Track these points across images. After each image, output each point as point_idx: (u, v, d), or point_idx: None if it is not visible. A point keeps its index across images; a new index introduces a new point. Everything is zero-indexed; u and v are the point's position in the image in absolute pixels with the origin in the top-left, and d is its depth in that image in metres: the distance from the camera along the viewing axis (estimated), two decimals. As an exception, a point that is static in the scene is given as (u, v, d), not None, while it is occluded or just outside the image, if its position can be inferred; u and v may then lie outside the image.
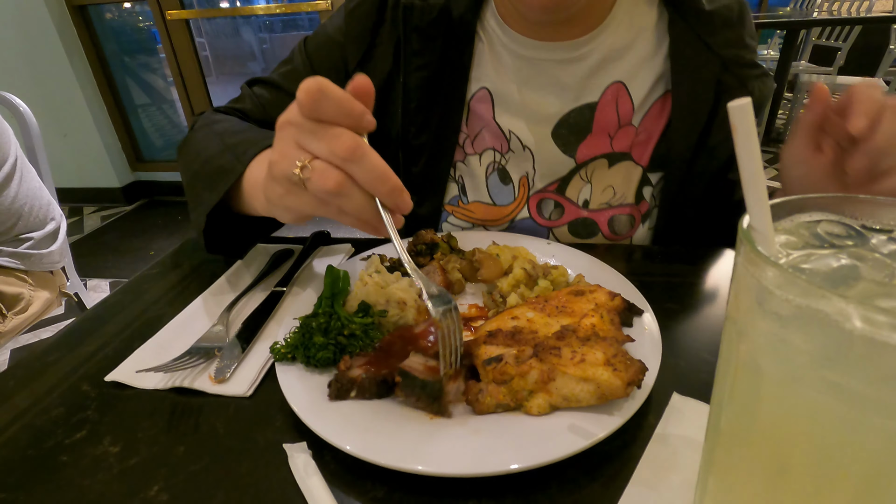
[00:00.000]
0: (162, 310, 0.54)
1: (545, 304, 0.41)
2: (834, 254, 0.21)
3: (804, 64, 4.21)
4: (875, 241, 0.21)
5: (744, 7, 0.60)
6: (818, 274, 0.20)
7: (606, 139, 0.62)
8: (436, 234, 0.56)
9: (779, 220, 0.23)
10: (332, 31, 0.64)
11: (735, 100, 0.19)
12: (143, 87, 3.41)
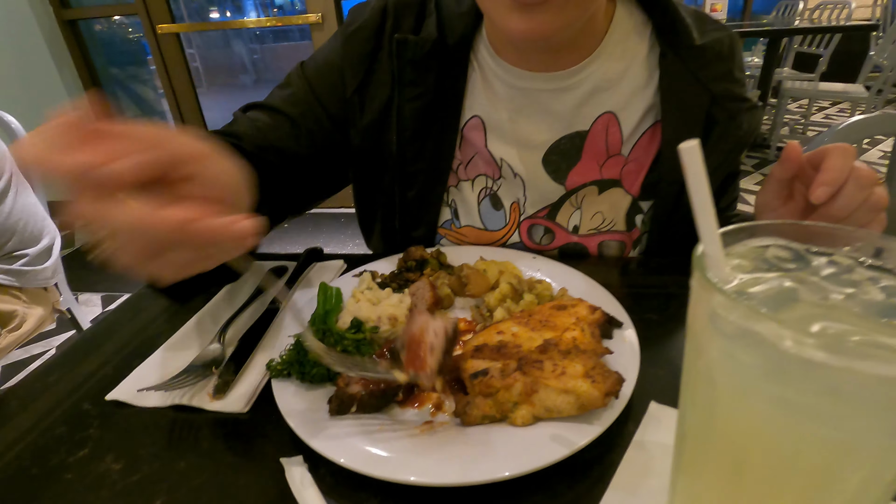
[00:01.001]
0: (159, 328, 0.55)
1: (529, 319, 0.43)
2: (779, 277, 0.23)
3: (787, 70, 4.30)
4: (816, 263, 0.24)
5: (734, 42, 0.62)
6: (762, 297, 0.22)
7: (596, 167, 0.64)
8: (425, 251, 0.58)
9: (732, 246, 0.25)
10: (330, 55, 0.65)
11: (685, 142, 0.22)
12: (134, 99, 3.42)
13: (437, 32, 0.61)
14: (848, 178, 0.43)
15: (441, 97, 0.63)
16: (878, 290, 0.21)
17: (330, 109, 0.65)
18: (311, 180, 0.69)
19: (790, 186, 0.49)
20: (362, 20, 0.63)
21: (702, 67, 0.60)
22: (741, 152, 0.67)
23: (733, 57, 0.62)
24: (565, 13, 0.49)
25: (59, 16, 2.90)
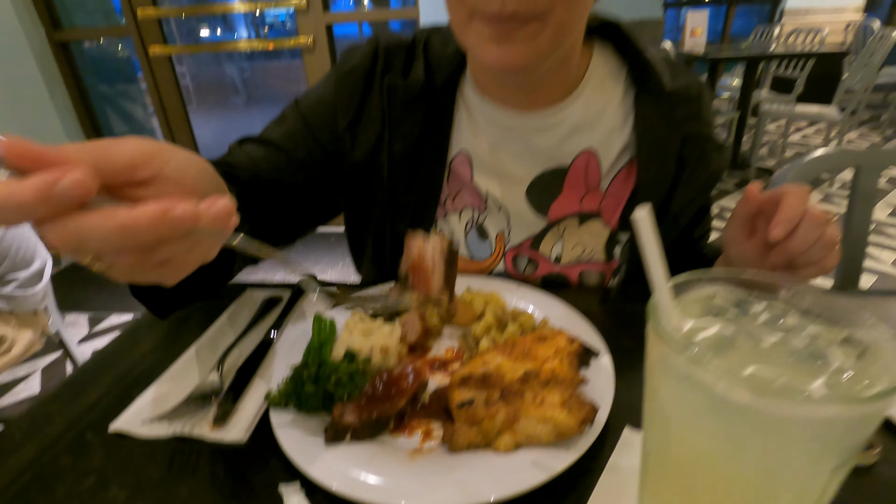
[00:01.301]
0: (158, 357, 0.57)
1: (512, 350, 0.46)
2: (722, 323, 0.26)
3: (765, 92, 4.45)
4: (754, 310, 0.27)
5: (702, 88, 0.67)
6: (705, 343, 0.25)
7: (576, 200, 0.68)
8: (415, 282, 0.61)
9: (685, 293, 0.29)
10: (324, 93, 0.68)
11: (636, 211, 0.25)
12: (124, 117, 3.43)
13: (424, 76, 0.65)
14: (803, 219, 0.47)
15: (429, 135, 0.67)
16: (801, 337, 0.25)
17: (323, 142, 0.68)
18: (304, 210, 0.72)
19: (753, 223, 0.53)
20: (354, 63, 0.67)
21: (673, 110, 0.64)
22: (711, 188, 0.71)
23: (701, 101, 0.66)
24: (537, 43, 0.52)
25: (51, 37, 2.93)
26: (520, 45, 0.52)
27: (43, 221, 0.26)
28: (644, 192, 0.66)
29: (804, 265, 0.50)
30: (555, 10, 0.50)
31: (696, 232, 0.74)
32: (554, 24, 0.51)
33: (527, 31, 0.51)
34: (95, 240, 0.26)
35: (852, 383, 0.22)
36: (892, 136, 4.68)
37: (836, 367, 0.23)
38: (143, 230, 0.26)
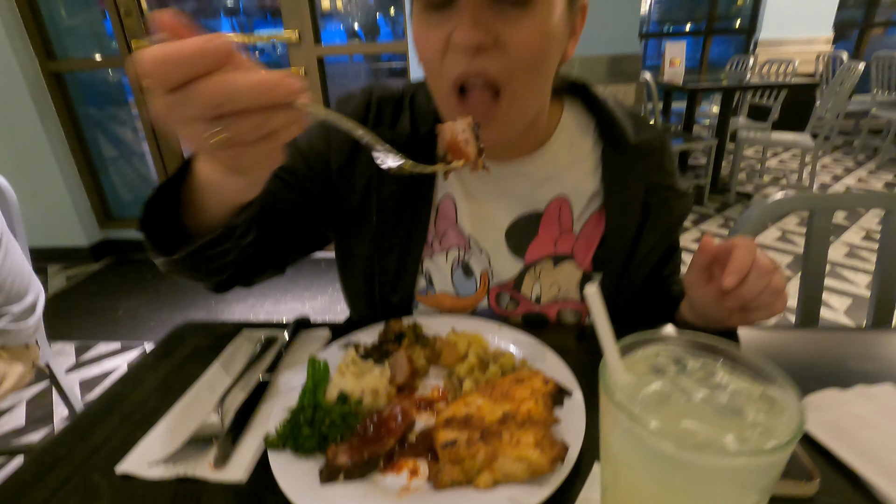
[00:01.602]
0: (161, 399, 0.60)
1: (492, 392, 0.51)
2: (662, 380, 0.31)
3: (743, 120, 4.62)
4: (690, 367, 0.32)
5: (665, 140, 0.74)
6: (644, 399, 0.30)
7: (551, 243, 0.74)
8: (403, 325, 0.65)
9: (634, 352, 0.33)
10: (318, 139, 0.73)
11: (587, 286, 0.30)
12: (114, 142, 3.46)
13: (409, 127, 0.71)
14: (751, 268, 0.53)
15: (415, 181, 0.72)
16: (726, 393, 0.30)
17: (319, 177, 0.73)
18: (296, 238, 0.75)
19: (710, 270, 0.59)
20: (348, 111, 0.73)
21: (637, 162, 0.70)
22: (676, 231, 0.77)
23: (663, 153, 0.73)
24: (508, 123, 0.59)
25: (45, 67, 2.97)
26: (492, 127, 0.58)
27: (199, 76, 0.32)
28: (612, 236, 0.71)
29: (755, 308, 0.56)
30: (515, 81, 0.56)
31: (665, 270, 0.80)
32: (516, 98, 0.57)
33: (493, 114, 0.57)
34: (238, 93, 0.33)
35: (759, 436, 0.26)
36: (865, 161, 4.87)
37: (749, 421, 0.27)
38: (273, 86, 0.33)
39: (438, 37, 0.55)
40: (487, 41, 0.53)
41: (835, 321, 2.34)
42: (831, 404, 0.51)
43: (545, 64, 0.58)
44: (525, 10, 0.53)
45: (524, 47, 0.54)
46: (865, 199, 0.88)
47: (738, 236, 0.56)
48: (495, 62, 0.54)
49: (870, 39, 5.88)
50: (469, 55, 0.53)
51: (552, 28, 0.55)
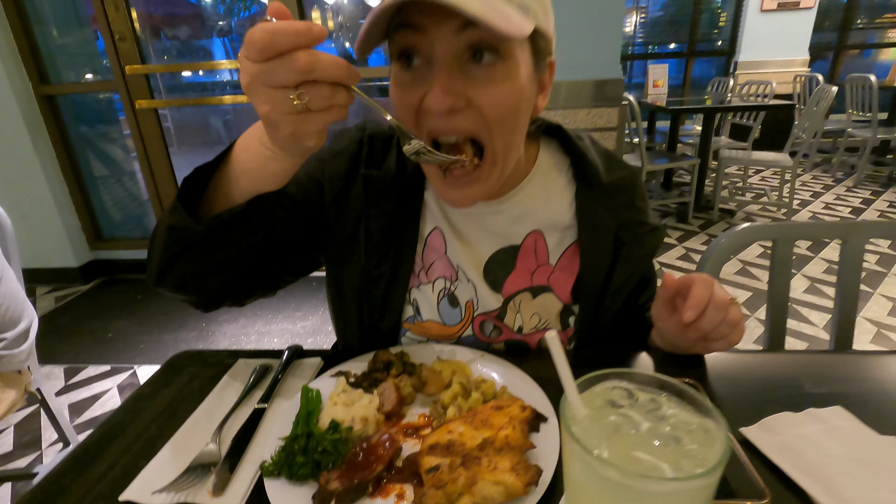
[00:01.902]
0: (160, 427, 0.64)
1: (473, 418, 0.55)
2: (614, 413, 0.35)
3: (724, 139, 4.76)
4: (641, 400, 0.36)
5: (635, 178, 0.79)
6: (598, 430, 0.34)
7: (527, 275, 0.78)
8: (391, 354, 0.69)
9: (593, 387, 0.38)
10: (314, 169, 0.77)
11: (548, 332, 0.34)
12: (105, 161, 3.48)
13: (396, 166, 0.76)
14: (709, 303, 0.58)
15: (401, 216, 0.77)
16: (669, 424, 0.34)
17: (314, 205, 0.77)
18: (288, 261, 0.78)
19: (673, 303, 0.64)
20: (343, 146, 0.78)
21: (609, 200, 0.75)
22: (649, 262, 0.82)
23: (634, 191, 0.78)
24: (489, 183, 0.64)
25: (38, 91, 3.01)
26: (474, 187, 0.63)
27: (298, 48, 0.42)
28: (587, 270, 0.76)
29: (715, 339, 0.61)
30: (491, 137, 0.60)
31: (640, 298, 0.85)
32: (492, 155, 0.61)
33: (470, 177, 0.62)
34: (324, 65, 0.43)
35: (694, 463, 0.31)
36: (843, 178, 5.02)
37: (686, 450, 0.32)
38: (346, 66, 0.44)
39: (412, 96, 0.59)
40: (459, 104, 0.57)
41: (814, 335, 2.41)
42: (784, 426, 0.56)
43: (517, 120, 0.62)
44: (493, 73, 0.57)
45: (495, 106, 0.58)
46: (826, 228, 0.94)
47: (696, 273, 0.61)
48: (468, 120, 0.58)
49: (844, 61, 6.10)
50: (442, 117, 0.57)
51: (520, 88, 0.59)
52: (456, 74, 0.56)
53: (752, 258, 3.24)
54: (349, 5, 3.31)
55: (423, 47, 0.57)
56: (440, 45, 0.55)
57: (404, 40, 0.57)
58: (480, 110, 0.58)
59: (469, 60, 0.57)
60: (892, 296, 2.71)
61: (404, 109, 0.60)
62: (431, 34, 0.55)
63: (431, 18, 0.54)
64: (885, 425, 0.56)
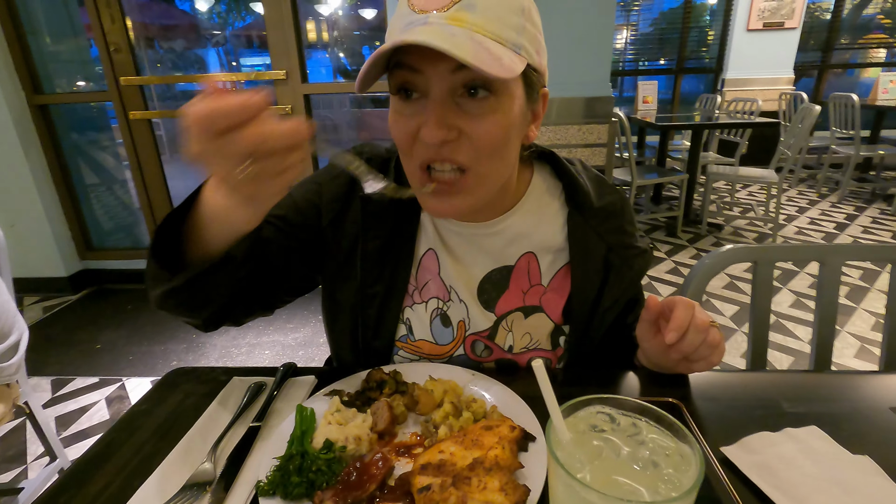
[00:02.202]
0: (155, 446, 0.64)
1: (464, 438, 0.56)
2: (596, 437, 0.37)
3: (712, 155, 4.85)
4: (623, 425, 0.39)
5: (624, 203, 0.82)
6: (580, 454, 0.36)
7: (520, 295, 0.80)
8: (384, 373, 0.71)
9: (577, 412, 0.40)
10: (310, 193, 0.80)
11: (534, 361, 0.36)
12: (97, 170, 3.46)
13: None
14: (689, 326, 0.60)
15: (397, 237, 0.79)
16: (648, 448, 0.36)
17: (311, 228, 0.79)
18: (285, 282, 0.80)
19: (657, 324, 0.66)
20: (340, 170, 0.80)
21: (599, 224, 0.78)
22: (637, 284, 0.85)
23: (624, 214, 0.81)
24: (474, 195, 0.66)
25: (31, 101, 3.00)
26: (459, 198, 0.65)
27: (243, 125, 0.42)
28: (578, 291, 0.79)
29: (696, 360, 0.63)
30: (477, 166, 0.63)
31: (629, 318, 0.87)
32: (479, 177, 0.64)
33: (459, 186, 0.64)
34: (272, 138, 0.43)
35: (670, 486, 0.33)
36: (828, 194, 5.12)
37: (663, 473, 0.34)
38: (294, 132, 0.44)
39: (409, 125, 0.62)
40: (451, 136, 0.60)
41: (800, 350, 2.45)
42: (763, 446, 0.58)
43: (506, 150, 0.65)
44: (485, 107, 0.60)
45: (485, 138, 0.61)
46: (805, 250, 0.98)
47: (678, 297, 0.64)
48: (460, 151, 0.61)
49: (828, 80, 6.25)
50: (434, 148, 0.61)
51: (512, 119, 0.62)
52: (450, 108, 0.60)
53: (739, 272, 3.29)
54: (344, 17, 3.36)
55: (419, 84, 0.60)
56: (435, 83, 0.59)
57: (402, 78, 0.60)
58: (471, 141, 0.61)
59: (463, 94, 0.60)
60: (874, 311, 2.77)
61: (401, 135, 0.64)
62: (427, 74, 0.58)
63: (427, 61, 0.57)
64: (856, 444, 0.58)
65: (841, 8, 5.91)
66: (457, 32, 0.54)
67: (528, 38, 0.61)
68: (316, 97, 3.05)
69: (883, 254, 0.95)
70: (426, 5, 0.57)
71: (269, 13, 2.77)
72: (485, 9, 0.56)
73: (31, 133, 3.03)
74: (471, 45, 0.53)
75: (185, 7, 3.41)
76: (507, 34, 0.58)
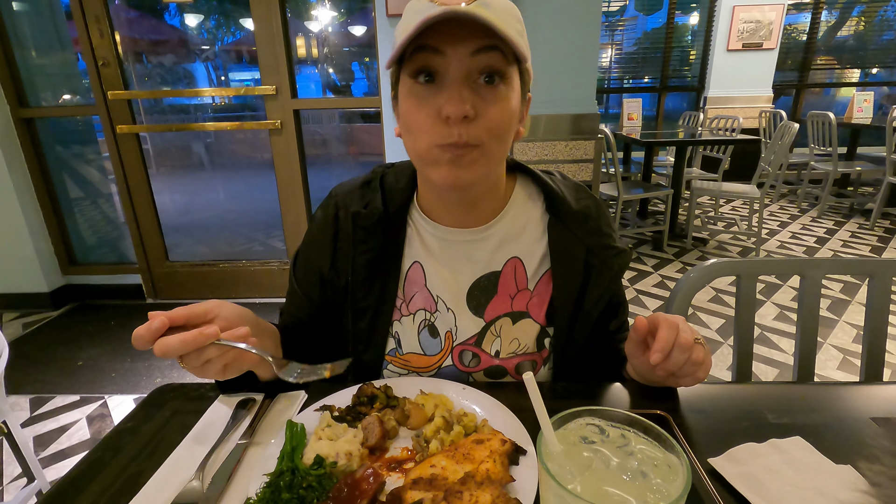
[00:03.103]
0: (142, 464, 0.63)
1: (455, 453, 0.56)
2: (587, 448, 0.38)
3: (696, 170, 4.95)
4: (612, 436, 0.39)
5: (600, 206, 0.85)
6: (571, 465, 0.37)
7: (508, 300, 0.82)
8: (375, 388, 0.71)
9: (567, 424, 0.40)
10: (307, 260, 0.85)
11: (525, 374, 0.37)
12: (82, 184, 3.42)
13: (381, 206, 0.80)
14: (674, 345, 0.62)
15: (385, 251, 0.81)
16: (637, 458, 0.37)
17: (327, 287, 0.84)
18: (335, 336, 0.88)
19: (646, 342, 0.68)
20: (319, 219, 0.84)
21: (578, 227, 0.81)
22: (617, 283, 0.86)
23: (600, 216, 0.84)
24: (479, 167, 0.69)
25: (16, 114, 2.97)
26: (465, 169, 0.68)
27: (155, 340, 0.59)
28: (560, 292, 0.81)
29: (682, 376, 0.65)
30: (487, 145, 0.67)
31: (611, 325, 0.88)
32: (487, 155, 0.68)
33: (470, 157, 0.67)
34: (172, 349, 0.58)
35: (658, 497, 0.33)
36: (808, 209, 5.24)
37: (652, 484, 0.34)
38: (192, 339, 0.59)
39: (429, 109, 0.66)
40: (471, 113, 0.65)
41: (784, 362, 2.48)
42: (749, 457, 0.59)
43: (507, 135, 0.70)
44: (497, 94, 0.65)
45: (495, 119, 0.66)
46: (786, 264, 1.00)
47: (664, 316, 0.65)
48: (475, 129, 0.66)
49: (805, 98, 6.45)
50: (457, 124, 0.65)
51: (513, 108, 0.68)
52: (466, 88, 0.65)
53: (724, 286, 3.34)
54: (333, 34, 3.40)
55: (439, 66, 0.65)
56: (456, 65, 0.63)
57: (423, 61, 0.65)
58: (484, 120, 0.66)
59: (477, 80, 0.65)
60: (855, 323, 2.82)
61: (421, 118, 0.67)
62: (449, 56, 0.63)
63: (449, 42, 0.63)
64: (839, 454, 0.60)
65: (816, 30, 6.13)
66: (482, 13, 0.59)
67: (525, 43, 0.67)
68: (305, 112, 3.07)
69: (861, 268, 0.98)
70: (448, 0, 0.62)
71: (260, 30, 2.79)
72: (497, 9, 0.62)
73: (15, 146, 3.00)
74: (498, 21, 0.59)
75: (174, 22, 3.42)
76: (513, 34, 0.63)
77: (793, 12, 6.07)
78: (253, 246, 3.77)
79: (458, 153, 0.66)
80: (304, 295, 0.86)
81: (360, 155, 3.83)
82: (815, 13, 6.06)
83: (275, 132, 2.98)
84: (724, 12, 5.76)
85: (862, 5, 6.22)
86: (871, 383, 0.78)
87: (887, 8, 6.19)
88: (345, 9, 3.34)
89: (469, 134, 0.65)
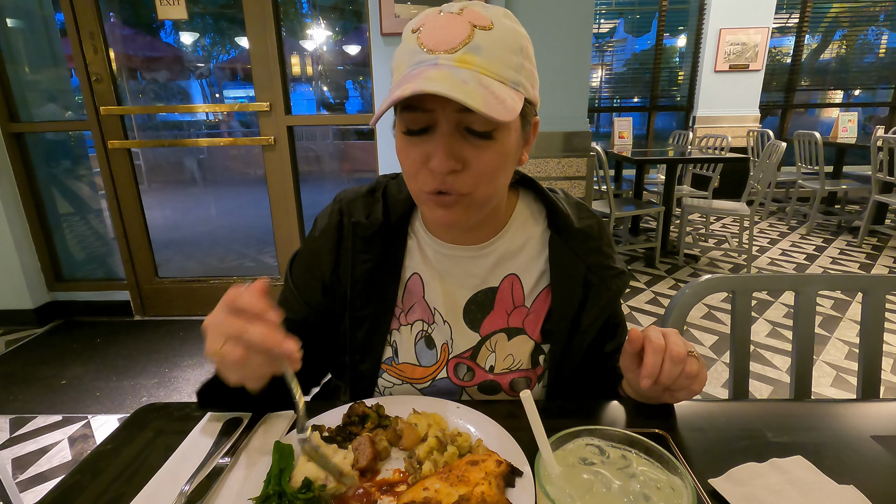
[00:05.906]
0: (122, 488, 0.61)
1: (449, 474, 0.54)
2: (587, 470, 0.37)
3: (686, 188, 5.00)
4: (612, 457, 0.38)
5: (602, 225, 0.85)
6: (571, 487, 0.35)
7: (504, 316, 0.81)
8: (367, 407, 0.69)
9: (566, 444, 0.39)
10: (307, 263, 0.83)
11: (522, 393, 0.36)
12: (71, 199, 3.38)
13: (382, 216, 0.79)
14: (665, 360, 0.61)
15: (385, 261, 0.80)
16: (639, 480, 0.35)
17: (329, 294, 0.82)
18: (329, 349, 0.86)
19: (639, 356, 0.66)
20: (324, 224, 0.82)
21: (578, 245, 0.80)
22: (615, 305, 0.86)
23: (601, 237, 0.83)
24: (469, 211, 0.69)
25: (6, 129, 2.95)
26: (457, 210, 0.69)
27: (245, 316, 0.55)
28: (557, 310, 0.80)
29: (677, 390, 0.64)
30: (476, 192, 0.67)
31: (608, 346, 0.87)
32: (477, 201, 0.68)
33: (460, 204, 0.67)
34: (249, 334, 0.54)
35: (662, 521, 0.32)
36: (797, 226, 5.31)
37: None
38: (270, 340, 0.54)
39: (418, 155, 0.66)
40: (458, 167, 0.64)
41: (778, 379, 2.48)
42: (750, 477, 0.58)
43: (503, 175, 0.70)
44: (487, 140, 0.64)
45: (486, 167, 0.65)
46: (780, 280, 1.00)
47: (655, 332, 0.65)
48: (462, 180, 0.66)
49: (792, 118, 6.58)
50: (443, 176, 0.65)
51: (509, 149, 0.67)
52: (456, 140, 0.64)
53: (717, 303, 3.35)
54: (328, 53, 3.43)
55: (429, 121, 0.64)
56: (444, 120, 0.63)
57: (413, 119, 0.64)
58: (473, 170, 0.65)
59: (467, 130, 0.64)
60: (847, 340, 2.83)
61: (410, 164, 0.67)
62: (437, 114, 0.62)
63: (438, 102, 0.61)
64: (841, 473, 0.58)
65: (800, 53, 6.29)
66: (467, 78, 0.58)
67: (526, 74, 0.65)
68: (299, 129, 3.08)
69: (856, 284, 0.98)
70: (436, 46, 0.61)
71: (255, 48, 2.81)
72: (489, 51, 0.60)
73: (4, 161, 2.96)
74: (480, 91, 0.57)
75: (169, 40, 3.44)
76: (507, 73, 0.62)
77: (777, 35, 6.24)
78: (244, 262, 3.73)
79: (446, 200, 0.67)
80: (302, 298, 0.83)
81: (353, 172, 3.84)
82: (799, 37, 6.22)
83: (268, 148, 2.97)
84: (710, 35, 5.91)
85: (843, 29, 6.40)
86: (870, 400, 0.77)
87: (867, 32, 6.38)
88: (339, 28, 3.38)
89: (457, 184, 0.65)
